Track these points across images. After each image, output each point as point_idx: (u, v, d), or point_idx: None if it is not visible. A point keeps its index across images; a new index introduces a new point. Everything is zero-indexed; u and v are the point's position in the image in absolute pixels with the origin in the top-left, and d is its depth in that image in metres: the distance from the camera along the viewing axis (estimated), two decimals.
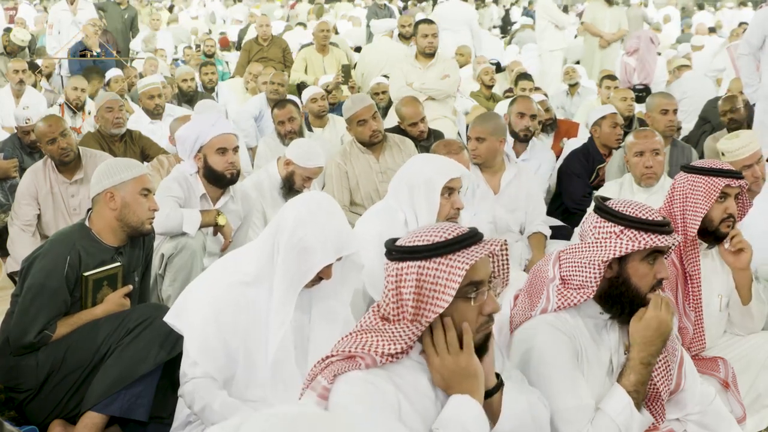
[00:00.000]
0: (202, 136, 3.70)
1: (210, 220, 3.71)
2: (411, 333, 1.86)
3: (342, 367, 1.86)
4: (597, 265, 2.17)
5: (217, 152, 3.70)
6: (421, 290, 1.84)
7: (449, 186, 3.20)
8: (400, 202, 3.28)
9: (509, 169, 4.48)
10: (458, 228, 1.90)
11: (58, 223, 4.48)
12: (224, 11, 19.45)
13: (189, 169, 3.78)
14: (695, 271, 2.89)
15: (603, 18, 9.62)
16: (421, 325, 1.86)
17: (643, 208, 2.18)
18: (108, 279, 3.09)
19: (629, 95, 6.04)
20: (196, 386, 2.50)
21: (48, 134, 4.45)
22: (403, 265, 1.87)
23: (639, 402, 2.18)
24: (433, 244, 1.85)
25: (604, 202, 2.25)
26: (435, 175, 3.21)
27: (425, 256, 1.85)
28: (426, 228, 1.93)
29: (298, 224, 2.45)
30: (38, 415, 3.02)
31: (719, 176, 2.88)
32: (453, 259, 1.83)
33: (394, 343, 1.86)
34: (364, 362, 1.85)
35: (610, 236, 2.17)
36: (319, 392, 1.86)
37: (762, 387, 2.96)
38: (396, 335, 1.86)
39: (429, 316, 1.85)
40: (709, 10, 18.98)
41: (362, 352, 1.86)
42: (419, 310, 1.85)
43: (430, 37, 6.49)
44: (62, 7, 9.86)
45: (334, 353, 1.90)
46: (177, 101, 7.42)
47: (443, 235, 1.87)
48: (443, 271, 1.83)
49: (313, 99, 6.26)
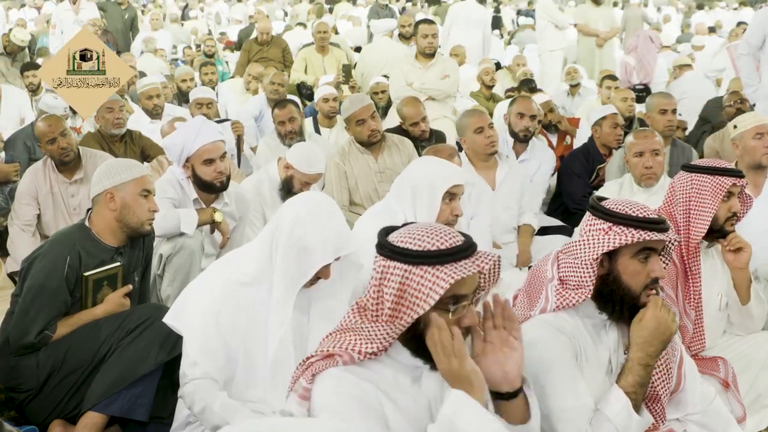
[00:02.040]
0: (187, 147, 3.63)
1: (207, 218, 3.71)
2: (387, 333, 1.85)
3: (320, 366, 1.86)
4: (589, 264, 2.17)
5: (204, 163, 3.64)
6: (403, 294, 1.82)
7: (451, 191, 3.22)
8: (401, 203, 3.29)
9: (502, 166, 4.53)
10: (453, 237, 1.85)
11: (58, 223, 4.48)
12: (228, 11, 19.45)
13: (180, 174, 3.77)
14: (695, 269, 2.88)
15: (595, 18, 9.64)
16: (397, 327, 1.85)
17: (634, 206, 2.18)
18: (108, 279, 3.09)
19: (630, 95, 6.04)
20: (196, 387, 2.50)
21: (48, 134, 4.46)
22: (390, 264, 1.85)
23: (638, 403, 2.18)
24: (424, 252, 1.82)
25: (600, 201, 2.25)
26: (438, 179, 3.23)
27: (413, 261, 1.82)
28: (423, 228, 1.89)
29: (297, 224, 2.45)
30: (38, 415, 3.02)
31: (725, 175, 2.87)
32: (440, 270, 1.79)
33: (371, 342, 1.85)
34: (342, 359, 1.85)
35: (599, 233, 2.17)
36: (300, 393, 1.87)
37: (762, 387, 2.96)
38: (373, 334, 1.86)
39: (405, 320, 1.83)
40: (706, 10, 18.98)
41: (340, 350, 1.86)
42: (397, 312, 1.84)
43: (430, 37, 6.50)
44: (65, 7, 9.88)
45: (313, 354, 1.90)
46: (177, 101, 7.43)
47: (436, 243, 1.83)
48: (428, 280, 1.80)
49: (325, 99, 6.23)
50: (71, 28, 9.42)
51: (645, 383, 2.19)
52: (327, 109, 6.23)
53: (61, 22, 9.78)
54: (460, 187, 3.26)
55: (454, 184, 3.22)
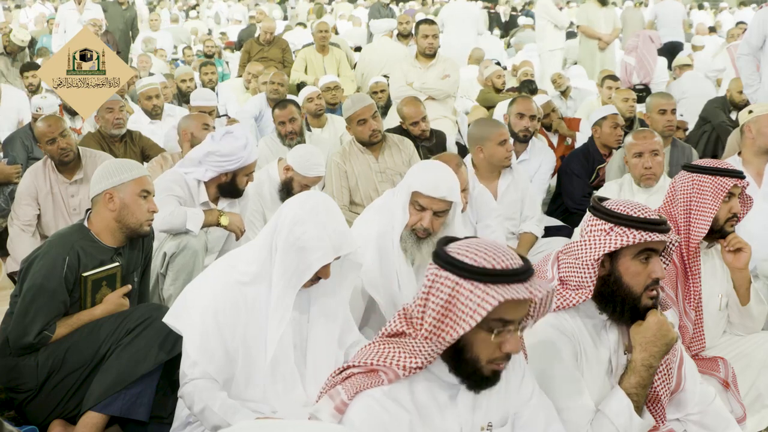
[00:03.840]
0: (243, 159, 3.75)
1: (212, 220, 3.72)
2: (432, 349, 1.84)
3: (364, 383, 1.85)
4: (590, 264, 2.17)
5: (246, 174, 3.83)
6: (450, 307, 1.80)
7: (420, 202, 2.98)
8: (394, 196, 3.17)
9: (505, 176, 4.49)
10: (512, 259, 1.81)
11: (58, 223, 4.48)
12: (228, 11, 19.44)
13: (200, 175, 3.78)
14: (695, 269, 2.88)
15: (597, 19, 9.60)
16: (441, 344, 1.83)
17: (635, 207, 2.18)
18: (107, 279, 3.09)
19: (631, 96, 6.03)
20: (196, 387, 2.50)
21: (48, 134, 4.46)
22: (442, 274, 1.82)
23: (640, 405, 2.18)
24: (478, 267, 1.79)
25: (601, 202, 2.25)
26: (415, 182, 3.00)
27: (465, 275, 1.79)
28: (483, 244, 1.85)
29: (296, 223, 2.45)
30: (38, 415, 3.02)
31: (726, 176, 2.87)
32: (491, 288, 1.76)
33: (415, 357, 1.84)
34: (387, 377, 1.85)
35: (600, 234, 2.17)
36: (336, 404, 1.87)
37: (762, 387, 2.96)
38: (417, 350, 1.85)
39: (450, 335, 1.80)
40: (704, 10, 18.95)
41: (384, 366, 1.85)
42: (440, 324, 1.81)
43: (431, 37, 6.49)
44: (69, 7, 9.89)
45: (356, 363, 1.90)
46: (177, 101, 7.43)
47: (492, 261, 1.79)
48: (477, 296, 1.77)
49: (309, 98, 6.25)
50: (74, 28, 9.42)
51: (647, 385, 2.19)
52: (313, 108, 6.25)
53: (64, 21, 9.80)
54: (432, 201, 2.97)
55: (426, 194, 2.96)
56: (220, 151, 3.73)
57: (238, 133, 3.80)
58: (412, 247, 3.04)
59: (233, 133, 3.77)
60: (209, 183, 3.80)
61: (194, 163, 3.79)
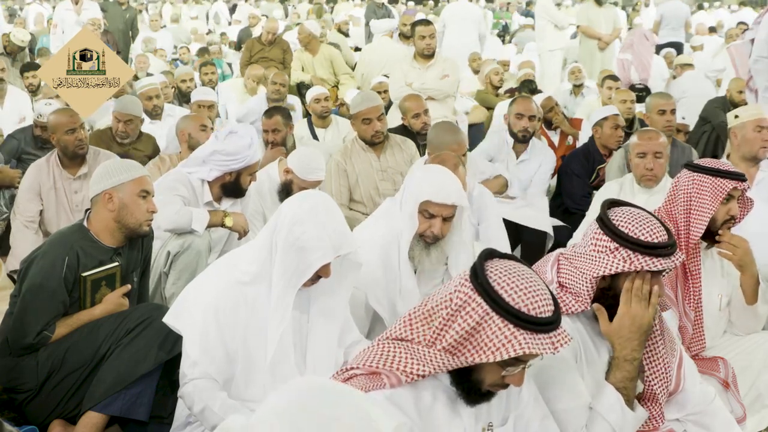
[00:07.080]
0: (248, 158, 3.77)
1: (217, 221, 3.73)
2: (443, 363, 1.83)
3: (366, 385, 1.84)
4: (589, 279, 2.15)
5: (249, 174, 3.85)
6: (474, 335, 1.79)
7: (429, 209, 2.96)
8: (398, 206, 3.16)
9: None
10: (546, 306, 1.79)
11: (60, 219, 4.48)
12: (227, 11, 19.43)
13: (204, 175, 3.79)
14: (695, 269, 2.87)
15: (598, 19, 9.60)
16: (455, 362, 1.82)
17: (645, 227, 2.11)
18: (106, 279, 3.09)
19: (630, 97, 6.00)
20: (196, 387, 2.50)
21: (69, 124, 4.48)
22: (476, 298, 1.80)
23: (630, 398, 2.18)
24: (512, 308, 1.76)
25: (610, 207, 2.19)
26: (420, 190, 2.98)
27: (498, 310, 1.77)
28: (523, 277, 1.81)
29: (296, 223, 2.46)
30: (38, 415, 3.02)
31: (727, 178, 2.83)
32: (519, 333, 1.75)
33: (424, 365, 1.84)
34: (389, 381, 1.84)
35: (605, 251, 2.13)
36: None
37: (762, 387, 2.95)
38: (427, 358, 1.84)
39: (461, 359, 1.80)
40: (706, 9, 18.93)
41: (387, 370, 1.84)
42: (459, 347, 1.80)
43: (428, 38, 6.48)
44: (66, 7, 9.87)
45: (358, 365, 1.89)
46: (177, 101, 7.42)
47: (528, 304, 1.77)
48: (504, 336, 1.76)
49: (316, 99, 6.29)
50: (72, 28, 9.42)
51: (634, 377, 2.18)
52: (319, 110, 6.29)
53: (62, 21, 9.78)
54: (442, 208, 2.96)
55: (434, 201, 2.94)
56: (225, 150, 3.74)
57: (243, 132, 3.81)
58: (420, 253, 3.02)
59: (238, 132, 3.78)
60: (213, 183, 3.81)
61: (198, 163, 3.80)
